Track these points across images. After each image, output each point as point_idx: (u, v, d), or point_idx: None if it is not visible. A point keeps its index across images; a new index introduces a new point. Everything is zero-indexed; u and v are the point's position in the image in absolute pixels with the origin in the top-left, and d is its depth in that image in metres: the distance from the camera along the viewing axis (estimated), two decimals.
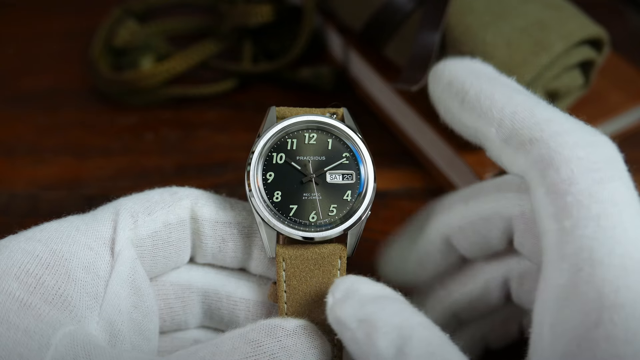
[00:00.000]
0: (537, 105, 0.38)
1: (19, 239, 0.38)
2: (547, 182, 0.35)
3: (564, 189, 0.34)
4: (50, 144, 0.69)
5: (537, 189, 0.35)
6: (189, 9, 0.81)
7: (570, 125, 0.37)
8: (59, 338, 0.34)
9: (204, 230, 0.43)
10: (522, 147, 0.37)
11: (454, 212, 0.44)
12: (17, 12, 0.86)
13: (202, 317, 0.45)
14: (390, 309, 0.35)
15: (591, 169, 0.34)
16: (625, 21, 0.79)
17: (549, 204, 0.34)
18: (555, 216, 0.34)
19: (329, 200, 0.42)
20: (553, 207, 0.34)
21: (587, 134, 0.36)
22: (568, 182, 0.34)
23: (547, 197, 0.34)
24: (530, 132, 0.37)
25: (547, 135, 0.36)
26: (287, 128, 0.43)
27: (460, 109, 0.40)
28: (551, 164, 0.35)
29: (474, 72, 0.41)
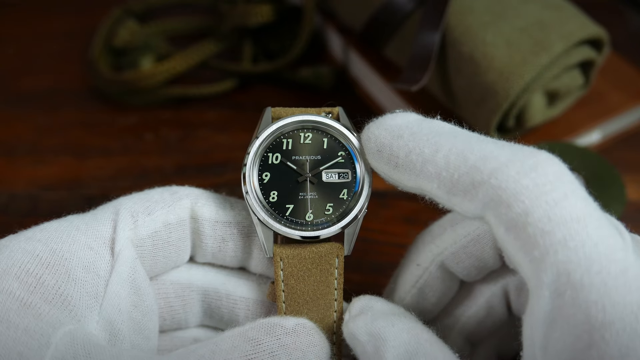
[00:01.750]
0: (468, 146, 0.37)
1: (19, 238, 0.38)
2: (503, 221, 0.34)
3: (522, 221, 0.33)
4: (50, 144, 0.69)
5: (497, 229, 0.35)
6: (189, 9, 0.81)
7: (507, 156, 0.35)
8: (59, 337, 0.34)
9: (204, 230, 0.43)
10: (467, 194, 0.36)
11: (445, 239, 0.43)
12: (17, 12, 0.86)
13: (202, 316, 0.45)
14: (400, 326, 0.37)
15: (542, 192, 0.34)
16: (625, 21, 0.79)
17: (513, 239, 0.34)
18: (523, 249, 0.33)
19: (325, 199, 0.42)
20: (518, 242, 0.33)
21: (526, 160, 0.35)
22: (524, 215, 0.33)
23: (509, 234, 0.34)
24: (470, 177, 0.36)
25: (487, 175, 0.35)
26: (282, 128, 0.43)
27: (397, 174, 0.39)
28: (500, 202, 0.34)
29: (396, 132, 0.40)
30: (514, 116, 0.57)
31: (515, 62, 0.55)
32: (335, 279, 0.42)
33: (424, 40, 0.58)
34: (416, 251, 0.46)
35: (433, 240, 0.44)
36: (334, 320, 0.42)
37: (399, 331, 0.36)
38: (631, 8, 0.79)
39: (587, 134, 0.63)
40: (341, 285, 0.42)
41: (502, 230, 0.34)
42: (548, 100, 0.59)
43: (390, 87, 0.65)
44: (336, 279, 0.42)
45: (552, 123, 0.62)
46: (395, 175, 0.39)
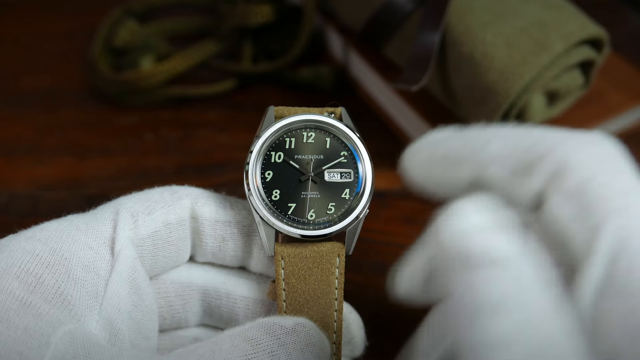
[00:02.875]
0: (521, 130, 0.38)
1: (19, 238, 0.38)
2: (564, 189, 0.34)
3: (583, 189, 0.34)
4: (50, 144, 0.69)
5: (554, 199, 0.35)
6: (189, 9, 0.81)
7: (563, 134, 0.37)
8: (59, 337, 0.34)
9: (204, 230, 0.43)
10: (529, 170, 0.36)
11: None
12: (17, 12, 0.86)
13: (202, 315, 0.45)
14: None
15: (601, 163, 0.34)
16: (625, 21, 0.79)
17: (571, 207, 0.34)
18: (580, 217, 0.34)
19: (327, 198, 0.42)
20: (576, 209, 0.34)
21: (582, 136, 0.36)
22: (586, 181, 0.34)
23: (568, 201, 0.34)
24: (531, 153, 0.36)
25: (547, 150, 0.36)
26: (285, 127, 0.43)
27: (453, 168, 0.39)
28: (563, 171, 0.35)
29: (443, 136, 0.40)
30: (514, 116, 0.57)
31: (515, 62, 0.55)
32: (336, 278, 0.42)
33: (424, 40, 0.58)
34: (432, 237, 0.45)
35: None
36: (334, 319, 0.42)
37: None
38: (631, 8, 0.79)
39: None
40: (342, 285, 0.42)
41: (561, 199, 0.34)
42: (548, 100, 0.59)
43: (390, 87, 0.65)
44: (337, 279, 0.42)
45: (552, 123, 0.62)
46: (451, 173, 0.39)
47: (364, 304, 0.46)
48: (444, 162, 0.39)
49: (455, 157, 0.39)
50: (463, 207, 0.35)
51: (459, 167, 0.38)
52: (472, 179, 0.39)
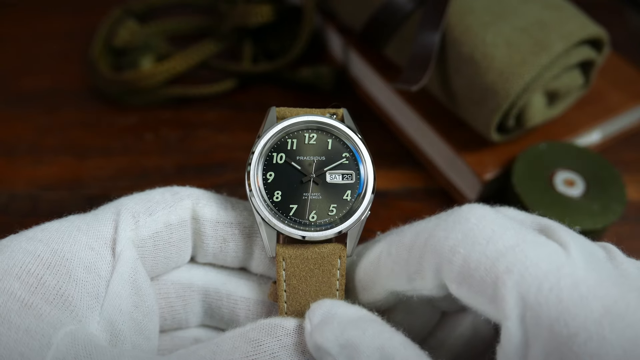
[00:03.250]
0: (399, 239, 0.40)
1: (20, 238, 0.38)
2: (452, 278, 0.35)
3: (466, 270, 0.35)
4: (50, 144, 0.69)
5: (451, 287, 0.36)
6: (189, 9, 0.81)
7: (433, 223, 0.38)
8: (60, 337, 0.34)
9: (205, 231, 0.43)
10: (418, 273, 0.38)
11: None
12: (17, 12, 0.86)
13: (203, 315, 0.45)
14: (371, 331, 0.36)
15: (472, 238, 0.35)
16: (625, 21, 0.79)
17: (466, 290, 0.35)
18: (478, 294, 0.35)
19: (328, 200, 0.42)
20: (471, 290, 0.35)
21: (447, 219, 0.37)
22: (465, 263, 0.35)
23: (461, 287, 0.35)
24: (412, 256, 0.38)
25: (422, 247, 0.37)
26: (287, 128, 0.43)
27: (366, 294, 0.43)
28: (442, 263, 0.36)
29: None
30: (514, 116, 0.57)
31: (515, 62, 0.55)
32: (337, 279, 0.42)
33: (424, 40, 0.58)
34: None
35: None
36: None
37: (371, 338, 0.35)
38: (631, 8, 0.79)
39: (587, 134, 0.63)
40: (343, 286, 0.42)
41: (455, 287, 0.35)
42: (548, 100, 0.59)
43: (390, 87, 0.65)
44: (338, 280, 0.42)
45: (552, 123, 0.62)
46: (371, 297, 0.42)
47: None
48: (363, 290, 0.42)
49: (363, 284, 0.42)
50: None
51: (372, 291, 0.42)
52: (386, 294, 0.41)
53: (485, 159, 0.59)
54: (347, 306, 0.39)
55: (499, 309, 0.33)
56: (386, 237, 0.41)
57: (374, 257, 0.41)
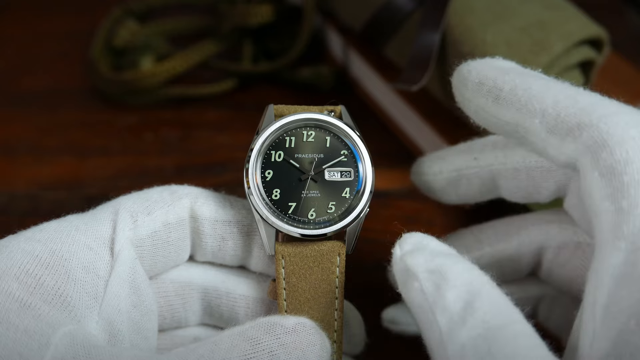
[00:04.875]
0: (577, 92, 0.38)
1: (18, 239, 0.38)
2: (600, 165, 0.34)
3: (620, 169, 0.33)
4: (50, 144, 0.69)
5: (589, 173, 0.35)
6: (189, 9, 0.81)
7: (617, 108, 0.36)
8: (59, 337, 0.34)
9: (203, 229, 0.43)
10: (570, 134, 0.36)
11: (515, 153, 0.44)
12: (17, 12, 0.86)
13: (202, 314, 0.45)
14: (460, 265, 0.36)
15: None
16: (625, 21, 0.79)
17: (605, 185, 0.34)
18: (611, 197, 0.33)
19: (327, 197, 0.42)
20: (609, 188, 0.33)
21: (635, 114, 0.36)
22: (623, 162, 0.33)
23: (602, 179, 0.34)
24: (577, 118, 0.36)
25: (596, 119, 0.35)
26: (285, 126, 0.43)
27: (495, 107, 0.39)
28: (604, 146, 0.34)
29: (502, 69, 0.40)
30: None
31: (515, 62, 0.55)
32: (337, 277, 0.42)
33: (424, 40, 0.58)
34: (480, 147, 0.45)
35: (503, 148, 0.44)
36: (335, 318, 0.42)
37: (461, 271, 0.35)
38: (631, 8, 0.79)
39: None
40: (342, 284, 0.42)
41: (596, 175, 0.34)
42: None
43: (390, 87, 0.65)
44: (337, 278, 0.42)
45: None
46: (493, 109, 0.39)
47: (364, 304, 0.46)
48: (493, 96, 0.39)
49: (506, 95, 0.39)
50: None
51: (505, 109, 0.39)
52: (512, 124, 0.39)
53: None
54: (439, 242, 0.38)
55: (620, 225, 0.32)
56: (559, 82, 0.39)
57: (534, 84, 0.38)
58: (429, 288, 0.35)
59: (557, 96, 0.37)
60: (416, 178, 0.50)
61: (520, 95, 0.38)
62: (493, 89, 0.39)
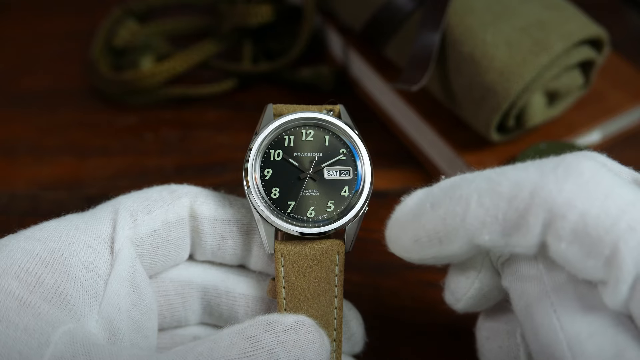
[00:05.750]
0: (492, 182, 0.36)
1: (18, 238, 0.38)
2: (564, 235, 0.33)
3: (582, 226, 0.32)
4: (50, 144, 0.69)
5: (558, 247, 0.33)
6: (189, 9, 0.81)
7: (536, 173, 0.35)
8: (59, 336, 0.34)
9: (203, 228, 0.43)
10: (521, 227, 0.34)
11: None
12: (17, 12, 0.86)
13: (202, 313, 0.45)
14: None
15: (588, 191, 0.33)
16: (625, 21, 0.79)
17: (578, 249, 0.33)
18: (590, 254, 0.32)
19: (326, 196, 0.42)
20: (583, 249, 0.32)
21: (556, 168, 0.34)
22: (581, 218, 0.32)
23: (572, 246, 0.33)
24: (513, 209, 0.34)
25: (529, 199, 0.34)
26: (284, 125, 0.43)
27: (446, 248, 0.37)
28: (555, 217, 0.33)
29: (415, 213, 0.38)
30: (514, 116, 0.57)
31: (515, 62, 0.55)
32: (336, 275, 0.42)
33: (424, 40, 0.58)
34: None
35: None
36: (334, 316, 0.42)
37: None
38: (631, 8, 0.79)
39: (587, 134, 0.63)
40: (341, 282, 0.42)
41: (564, 245, 0.33)
42: (548, 100, 0.59)
43: (390, 87, 0.65)
44: (337, 276, 0.42)
45: (552, 123, 0.62)
46: (445, 251, 0.37)
47: (364, 303, 0.46)
48: (431, 244, 0.38)
49: (440, 236, 0.37)
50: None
51: (450, 245, 0.37)
52: (468, 248, 0.37)
53: (485, 159, 0.59)
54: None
55: (614, 269, 0.31)
56: (469, 184, 0.36)
57: (456, 207, 0.36)
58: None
59: (481, 202, 0.35)
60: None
61: (452, 223, 0.36)
62: (430, 238, 0.37)
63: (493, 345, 0.42)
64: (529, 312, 0.37)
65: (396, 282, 0.55)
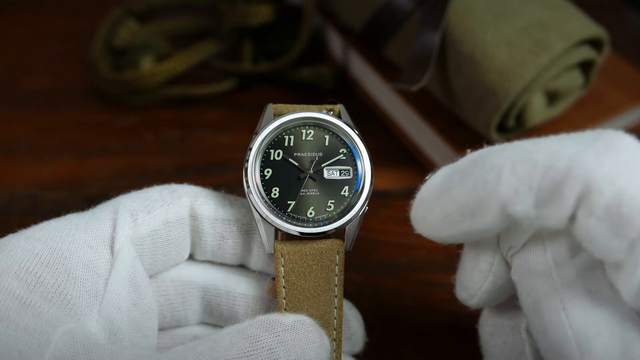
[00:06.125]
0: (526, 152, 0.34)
1: (18, 237, 0.39)
2: (596, 210, 0.32)
3: (614, 206, 0.31)
4: (50, 144, 0.69)
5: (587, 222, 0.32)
6: (189, 9, 0.81)
7: (574, 144, 0.34)
8: (59, 336, 0.34)
9: (203, 228, 0.43)
10: (555, 199, 0.33)
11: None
12: (17, 12, 0.86)
13: (202, 313, 0.45)
14: None
15: (628, 168, 0.32)
16: (625, 21, 0.79)
17: (607, 227, 0.32)
18: (618, 234, 0.31)
19: (326, 196, 0.42)
20: (612, 228, 0.32)
21: (596, 141, 0.34)
22: (618, 195, 0.32)
23: (602, 222, 0.32)
24: (549, 179, 0.33)
25: (566, 170, 0.33)
26: (284, 125, 0.43)
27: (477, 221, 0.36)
28: (591, 191, 0.32)
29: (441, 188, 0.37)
30: (514, 116, 0.57)
31: (515, 62, 0.55)
32: (336, 275, 0.42)
33: (424, 40, 0.58)
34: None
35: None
36: (334, 316, 0.42)
37: None
38: (631, 8, 0.79)
39: None
40: (341, 282, 0.42)
41: (593, 222, 0.32)
42: (548, 100, 0.59)
43: (390, 87, 0.65)
44: (337, 276, 0.42)
45: (552, 123, 0.62)
46: (477, 224, 0.36)
47: (364, 303, 0.46)
48: (463, 217, 0.36)
49: (471, 208, 0.35)
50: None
51: (482, 217, 0.35)
52: (501, 220, 0.35)
53: None
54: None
55: (636, 252, 0.31)
56: (500, 153, 0.35)
57: (488, 175, 0.34)
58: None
59: (514, 170, 0.34)
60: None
61: (483, 193, 0.35)
62: (461, 211, 0.36)
63: (497, 341, 0.42)
64: (537, 309, 0.36)
65: (396, 282, 0.55)
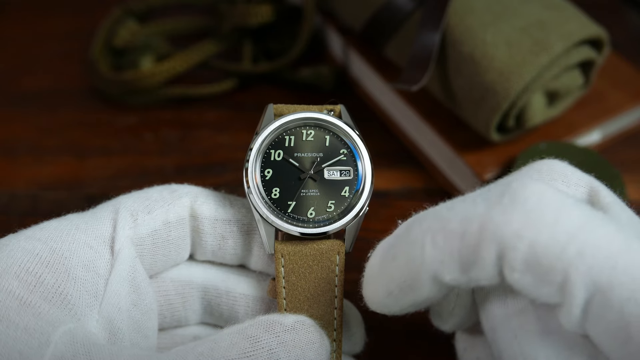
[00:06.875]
0: (443, 220, 0.35)
1: (18, 237, 0.39)
2: (516, 266, 0.33)
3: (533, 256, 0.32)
4: (50, 144, 0.69)
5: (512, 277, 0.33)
6: (189, 9, 0.81)
7: (483, 205, 0.34)
8: (59, 336, 0.35)
9: (203, 228, 0.43)
10: (476, 262, 0.34)
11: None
12: (17, 12, 0.86)
13: (202, 313, 0.45)
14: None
15: (536, 219, 0.33)
16: (625, 21, 0.79)
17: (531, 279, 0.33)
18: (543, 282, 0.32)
19: (327, 196, 0.42)
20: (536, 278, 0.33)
21: (502, 198, 0.34)
22: (531, 248, 0.32)
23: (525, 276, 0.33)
24: (466, 244, 0.34)
25: (478, 235, 0.33)
26: (284, 125, 0.43)
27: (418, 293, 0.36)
28: (506, 250, 0.33)
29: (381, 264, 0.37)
30: (514, 116, 0.57)
31: (515, 62, 0.55)
32: (336, 276, 0.42)
33: (424, 40, 0.58)
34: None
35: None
36: (334, 316, 0.42)
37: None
38: (631, 8, 0.79)
39: (587, 134, 0.63)
40: (342, 282, 0.42)
41: (517, 275, 0.33)
42: (548, 100, 0.59)
43: (390, 87, 0.65)
44: (337, 276, 0.42)
45: (552, 123, 0.62)
46: (419, 296, 0.36)
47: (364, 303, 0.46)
48: (404, 293, 0.36)
49: (408, 283, 0.36)
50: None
51: (420, 290, 0.36)
52: (439, 288, 0.36)
53: (485, 159, 0.59)
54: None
55: (567, 294, 0.32)
56: (420, 225, 0.36)
57: (413, 251, 0.35)
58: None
59: (435, 242, 0.34)
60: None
61: (414, 271, 0.35)
62: (401, 290, 0.36)
63: (471, 355, 0.42)
64: (494, 336, 0.37)
65: None
